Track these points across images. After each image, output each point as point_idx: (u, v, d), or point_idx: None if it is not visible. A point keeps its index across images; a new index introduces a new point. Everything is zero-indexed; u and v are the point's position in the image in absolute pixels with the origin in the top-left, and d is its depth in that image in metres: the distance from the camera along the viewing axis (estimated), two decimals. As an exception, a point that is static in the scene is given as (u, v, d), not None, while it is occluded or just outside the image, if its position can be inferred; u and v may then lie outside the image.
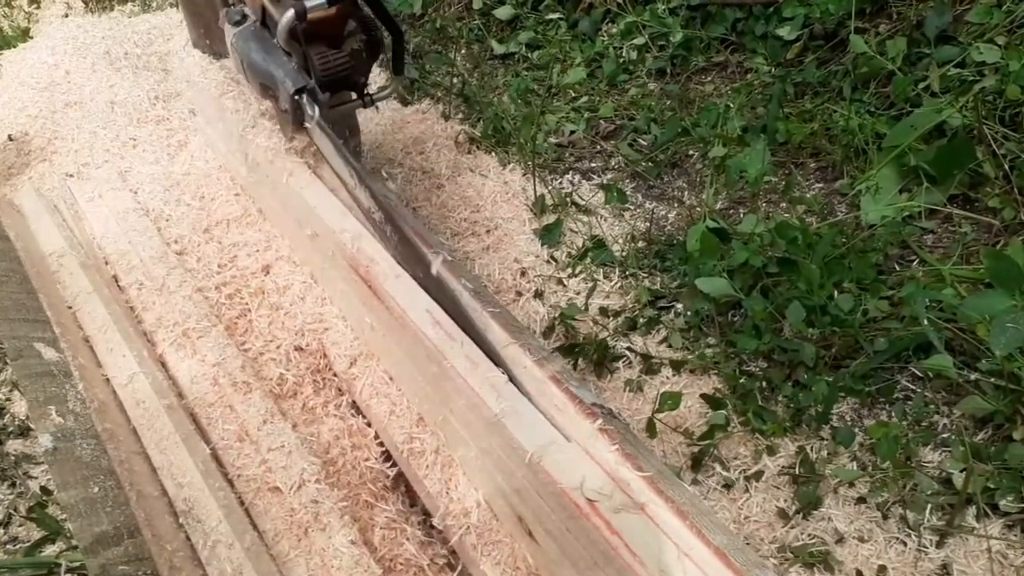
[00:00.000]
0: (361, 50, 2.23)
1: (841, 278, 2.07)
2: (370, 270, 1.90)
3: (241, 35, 2.29)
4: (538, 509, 1.52)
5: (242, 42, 2.28)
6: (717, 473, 1.92)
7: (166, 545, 1.62)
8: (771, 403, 2.01)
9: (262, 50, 2.23)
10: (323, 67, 2.16)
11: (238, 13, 2.33)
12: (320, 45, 2.16)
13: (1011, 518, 1.68)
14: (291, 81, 2.13)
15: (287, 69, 2.16)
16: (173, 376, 2.08)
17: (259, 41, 2.25)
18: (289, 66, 2.17)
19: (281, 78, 2.15)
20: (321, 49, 2.16)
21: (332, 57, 2.17)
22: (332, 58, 2.17)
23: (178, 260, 2.37)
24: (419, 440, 1.86)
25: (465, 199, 2.75)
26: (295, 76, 2.14)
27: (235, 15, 2.33)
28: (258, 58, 2.23)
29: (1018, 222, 2.08)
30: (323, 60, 2.15)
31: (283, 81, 2.15)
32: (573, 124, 3.05)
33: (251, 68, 2.26)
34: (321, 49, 2.16)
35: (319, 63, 2.15)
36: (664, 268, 2.44)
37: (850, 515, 1.78)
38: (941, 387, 1.92)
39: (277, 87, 2.18)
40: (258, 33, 2.28)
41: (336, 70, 2.18)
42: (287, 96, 2.14)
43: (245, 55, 2.26)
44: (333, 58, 2.17)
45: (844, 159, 2.49)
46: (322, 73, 2.16)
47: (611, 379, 2.19)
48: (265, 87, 2.25)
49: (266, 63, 2.20)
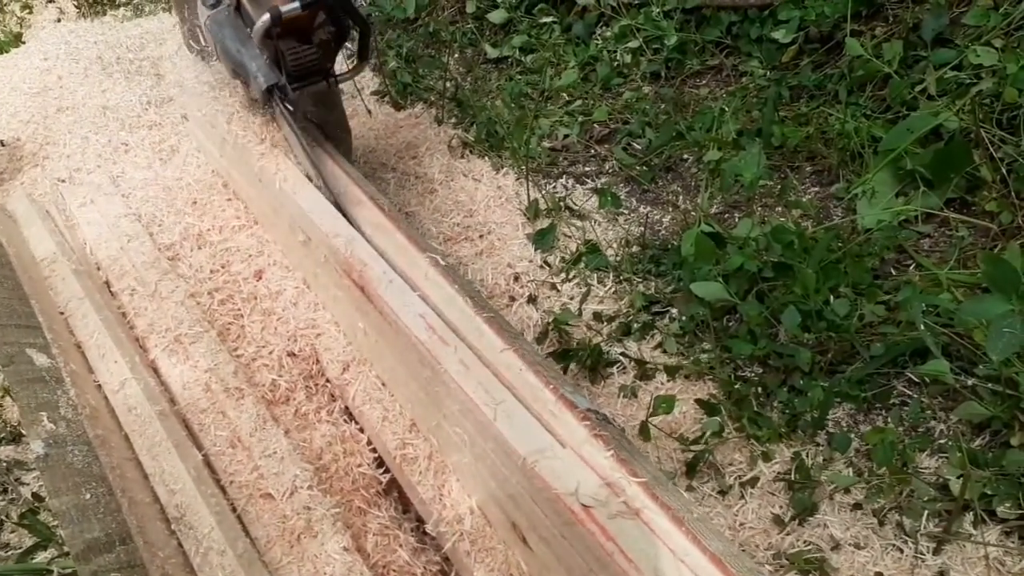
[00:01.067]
0: (329, 40, 2.28)
1: (837, 283, 2.06)
2: (363, 275, 1.88)
3: (215, 19, 2.35)
4: (532, 515, 1.50)
5: (216, 26, 2.33)
6: (712, 479, 1.91)
7: (158, 552, 1.60)
8: (766, 409, 2.00)
9: (236, 39, 2.29)
10: (294, 62, 2.22)
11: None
12: (291, 40, 2.21)
13: (1008, 525, 1.67)
14: (263, 77, 2.19)
15: (259, 63, 2.21)
16: (165, 382, 2.06)
17: (233, 28, 2.31)
18: (261, 60, 2.22)
19: (253, 72, 2.21)
20: (292, 44, 2.21)
21: (303, 52, 2.22)
22: (303, 53, 2.22)
23: (170, 266, 2.36)
24: (412, 446, 1.84)
25: (458, 203, 2.74)
26: (267, 72, 2.20)
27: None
28: (231, 46, 2.28)
29: (1015, 226, 2.07)
30: (294, 55, 2.21)
31: (255, 75, 2.20)
32: (567, 128, 3.04)
33: (224, 53, 2.32)
34: (292, 44, 2.21)
35: (290, 58, 2.21)
36: (659, 273, 2.43)
37: (846, 521, 1.76)
38: (938, 392, 1.91)
39: (248, 78, 2.24)
40: (232, 19, 2.34)
41: (306, 64, 2.24)
42: (259, 90, 2.20)
43: (219, 40, 2.33)
44: (303, 53, 2.22)
45: (840, 163, 2.48)
46: (293, 68, 2.23)
47: (605, 385, 2.18)
48: (236, 72, 2.33)
49: (239, 54, 2.26)
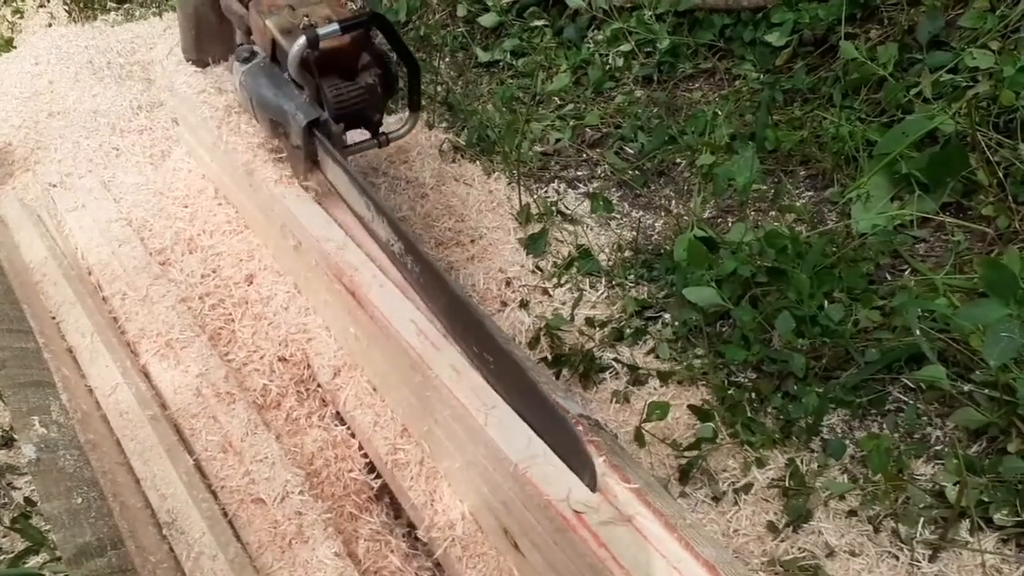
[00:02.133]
0: (376, 84, 2.16)
1: (831, 288, 2.05)
2: (354, 279, 1.87)
3: (250, 72, 2.21)
4: (524, 521, 1.49)
5: (251, 79, 2.20)
6: (706, 485, 1.89)
7: (150, 557, 1.59)
8: (760, 415, 1.99)
9: (272, 85, 2.15)
10: (336, 99, 2.08)
11: (246, 51, 2.26)
12: (333, 77, 2.09)
13: (1006, 532, 1.65)
14: (303, 113, 2.05)
15: (298, 102, 2.08)
16: (156, 387, 2.05)
17: (269, 76, 2.18)
18: (300, 99, 2.09)
19: (292, 111, 2.07)
20: (334, 81, 2.09)
21: (345, 89, 2.09)
22: (346, 90, 2.09)
23: (161, 270, 2.34)
24: (403, 451, 1.83)
25: (449, 208, 2.73)
26: (307, 108, 2.06)
27: (243, 52, 2.26)
28: (268, 93, 2.14)
29: (1012, 230, 2.07)
30: (336, 92, 2.08)
31: (294, 114, 2.06)
32: (559, 132, 3.04)
33: (260, 104, 2.18)
34: (334, 81, 2.09)
35: (332, 95, 2.07)
36: (651, 278, 2.42)
37: (841, 528, 1.75)
38: (934, 398, 1.89)
39: (288, 122, 2.10)
40: (267, 69, 2.20)
41: (350, 102, 2.10)
42: (298, 129, 2.05)
43: (254, 91, 2.18)
44: (347, 90, 2.09)
45: (834, 167, 2.47)
46: (335, 105, 2.08)
47: (597, 390, 2.17)
48: (275, 123, 2.16)
49: (276, 98, 2.12)
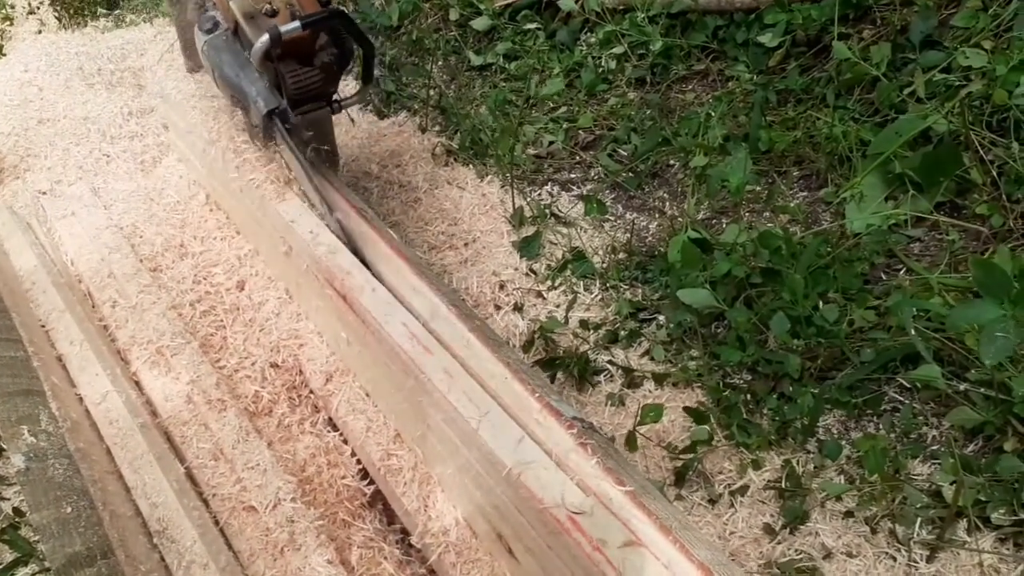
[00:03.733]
0: (331, 63, 2.18)
1: (826, 288, 2.04)
2: (345, 283, 1.86)
3: (212, 43, 2.25)
4: (518, 526, 1.48)
5: (213, 51, 2.23)
6: (701, 488, 1.88)
7: (140, 566, 1.58)
8: (756, 416, 1.97)
9: (234, 64, 2.18)
10: (295, 85, 2.12)
11: (209, 20, 2.29)
12: (292, 62, 2.11)
13: (1003, 531, 1.64)
14: (263, 101, 2.09)
15: (259, 87, 2.11)
16: (147, 394, 2.03)
17: (230, 53, 2.21)
18: (261, 84, 2.12)
19: (253, 96, 2.11)
20: (293, 67, 2.11)
21: (304, 75, 2.12)
22: (304, 76, 2.12)
23: (152, 277, 2.33)
24: (396, 457, 1.82)
25: (442, 212, 2.72)
26: (267, 96, 2.10)
27: (206, 22, 2.29)
28: (230, 72, 2.18)
29: (1006, 229, 2.05)
30: (295, 78, 2.11)
31: (255, 100, 2.10)
32: (552, 135, 3.02)
33: (222, 79, 2.22)
34: (293, 67, 2.11)
35: (291, 81, 2.11)
36: (645, 280, 2.41)
37: (838, 530, 1.74)
38: (929, 398, 1.88)
39: (248, 105, 2.14)
40: (229, 43, 2.23)
41: (309, 87, 2.14)
42: (259, 115, 2.09)
43: (216, 65, 2.22)
44: (305, 76, 2.12)
45: (828, 167, 2.46)
46: (294, 91, 2.12)
47: (592, 393, 2.15)
48: (235, 98, 2.21)
49: (238, 79, 2.16)
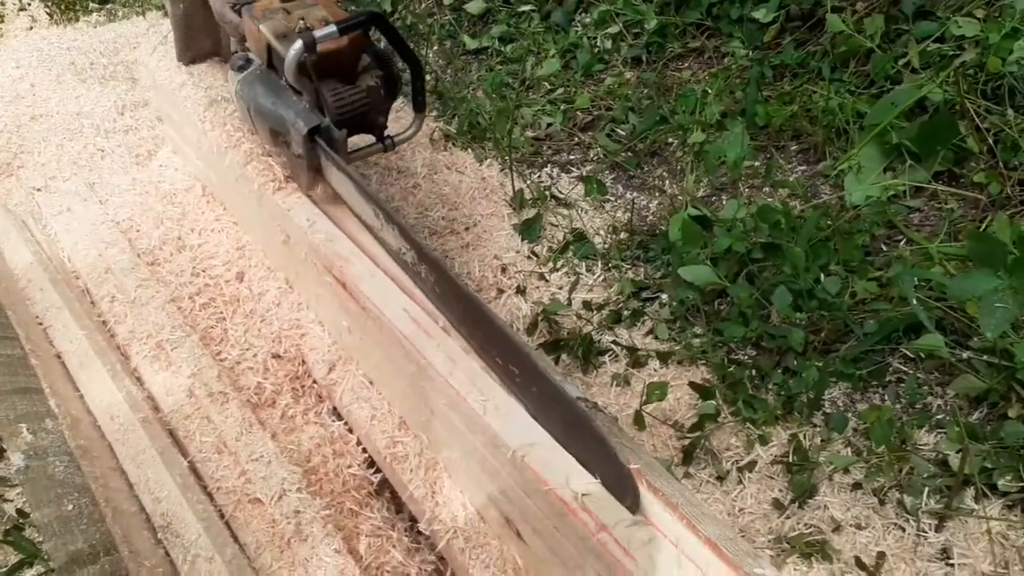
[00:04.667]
0: (378, 86, 2.05)
1: (827, 261, 2.03)
2: (344, 270, 1.84)
3: (245, 80, 2.12)
4: (525, 509, 1.47)
5: (247, 87, 2.11)
6: (709, 465, 1.88)
7: (144, 562, 1.57)
8: (761, 391, 1.97)
9: (270, 93, 2.05)
10: (337, 104, 1.97)
11: (241, 58, 2.16)
12: (333, 81, 1.98)
13: (1010, 498, 1.64)
14: (303, 121, 1.95)
15: (298, 109, 1.98)
16: (148, 389, 2.02)
17: (265, 84, 2.08)
18: (300, 106, 1.99)
19: (292, 119, 1.97)
20: (334, 86, 1.98)
21: (347, 93, 1.98)
22: (347, 94, 1.98)
23: (150, 271, 2.32)
24: (402, 444, 1.81)
25: (442, 197, 2.71)
26: (307, 116, 1.96)
27: (238, 60, 2.15)
28: (265, 102, 2.05)
29: (1004, 196, 2.05)
30: (337, 97, 1.97)
31: (294, 122, 1.97)
32: (550, 117, 3.01)
33: (258, 113, 2.09)
34: (334, 86, 1.98)
35: (332, 100, 1.97)
36: (647, 259, 2.40)
37: (846, 502, 1.74)
38: (933, 367, 1.88)
39: (288, 130, 2.00)
40: (264, 76, 2.10)
41: (352, 107, 1.99)
42: (299, 138, 1.96)
43: (251, 100, 2.09)
44: (347, 94, 1.98)
45: (826, 140, 2.45)
46: (337, 110, 1.98)
47: (597, 374, 2.15)
48: (275, 133, 2.07)
49: (275, 106, 2.03)
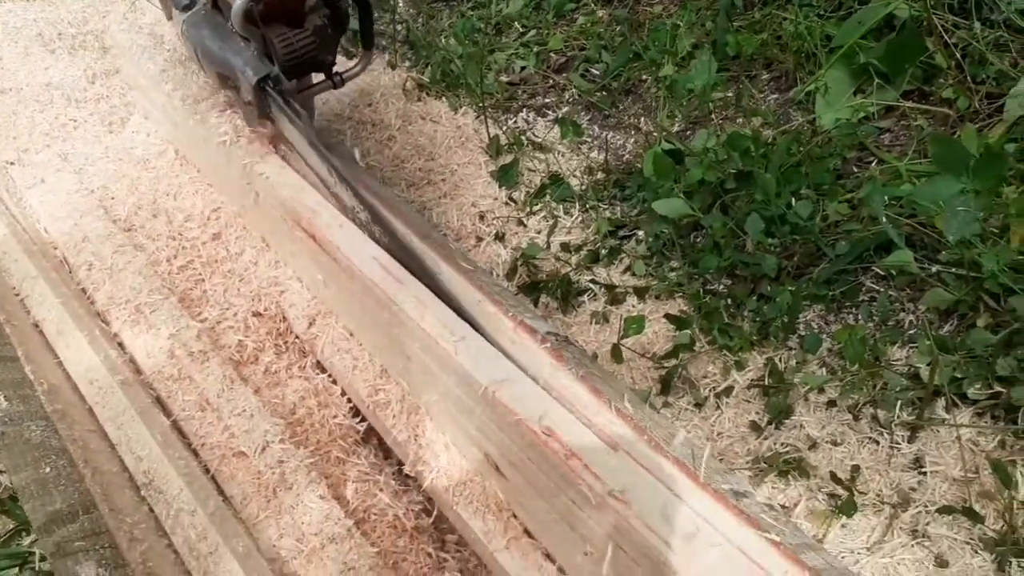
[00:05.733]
0: (325, 26, 2.01)
1: (798, 186, 2.03)
2: (313, 222, 1.85)
3: (191, 20, 2.09)
4: (500, 444, 1.50)
5: (193, 28, 2.08)
6: (687, 393, 1.90)
7: (126, 518, 1.60)
8: (737, 319, 1.98)
9: (217, 36, 2.02)
10: (286, 50, 1.95)
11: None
12: (280, 26, 1.94)
13: (980, 406, 1.66)
14: (252, 70, 1.92)
15: (246, 57, 1.95)
16: (130, 352, 2.04)
17: (212, 27, 2.05)
18: (248, 53, 1.96)
19: (241, 67, 1.94)
20: (281, 31, 1.94)
21: (295, 38, 1.95)
22: (295, 39, 1.95)
23: (127, 237, 2.32)
24: (384, 391, 1.83)
25: (418, 148, 2.70)
26: (256, 64, 1.93)
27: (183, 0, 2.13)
28: (213, 46, 2.02)
29: (972, 111, 2.04)
30: (285, 43, 1.94)
31: (243, 70, 1.94)
32: (523, 60, 2.99)
33: (206, 57, 2.07)
34: (281, 31, 1.94)
35: (281, 46, 1.94)
36: (624, 197, 2.40)
37: (822, 420, 1.76)
38: (905, 284, 1.88)
39: (237, 77, 1.98)
40: (210, 17, 2.07)
41: (301, 52, 1.97)
42: (249, 87, 1.94)
43: (198, 43, 2.06)
44: (296, 39, 1.95)
45: (796, 66, 2.43)
46: (285, 57, 1.96)
47: (577, 313, 2.16)
48: (223, 77, 2.06)
49: (222, 51, 2.00)
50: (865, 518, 1.62)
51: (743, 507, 1.22)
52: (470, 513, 1.62)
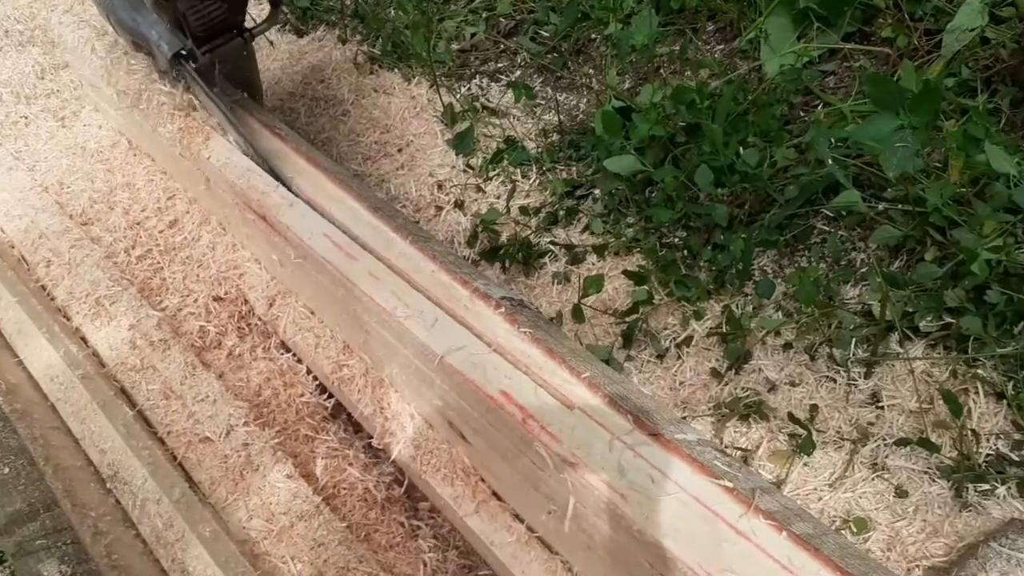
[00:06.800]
0: None
1: (746, 134, 2.03)
2: (263, 203, 1.85)
3: None
4: (462, 410, 1.52)
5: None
6: (648, 346, 1.92)
7: (89, 512, 1.60)
8: (693, 270, 2.00)
9: (128, 7, 2.02)
10: (198, 20, 1.93)
11: None
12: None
13: (932, 337, 1.68)
14: (166, 44, 1.93)
15: (159, 30, 1.95)
16: (93, 346, 2.04)
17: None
18: (161, 26, 1.96)
19: (155, 40, 1.95)
20: (192, 2, 1.92)
21: (206, 8, 1.94)
22: (205, 9, 1.94)
23: (83, 231, 2.31)
24: (347, 367, 1.85)
25: (373, 121, 2.69)
26: (170, 38, 1.94)
27: None
28: (125, 16, 2.03)
29: (912, 48, 2.05)
30: (196, 13, 1.93)
31: (158, 44, 1.95)
32: (472, 27, 2.97)
33: (120, 26, 2.08)
34: (192, 2, 1.92)
35: (193, 17, 1.92)
36: (579, 157, 2.41)
37: (780, 363, 1.78)
38: (854, 223, 1.90)
39: (152, 50, 2.00)
40: None
41: (212, 20, 1.96)
42: (164, 60, 1.95)
43: (111, 11, 2.08)
44: (206, 8, 1.94)
45: (739, 15, 2.43)
46: (198, 27, 1.95)
47: (540, 276, 2.18)
48: (137, 44, 2.08)
49: (135, 23, 2.00)
50: (826, 455, 1.65)
51: (696, 455, 1.24)
52: (439, 480, 1.65)
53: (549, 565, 1.49)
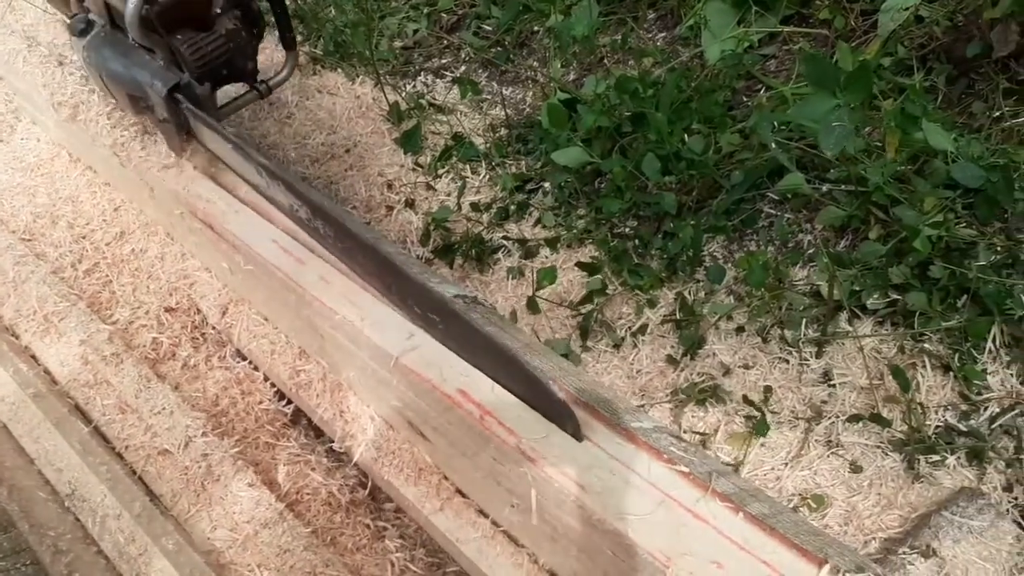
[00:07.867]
0: (238, 28, 1.91)
1: (690, 121, 2.06)
2: (208, 211, 1.83)
3: (91, 45, 1.96)
4: (420, 409, 1.52)
5: (94, 53, 1.95)
6: (605, 336, 1.93)
7: (48, 532, 1.59)
8: (645, 259, 2.02)
9: (120, 55, 1.90)
10: (195, 55, 1.83)
11: (81, 21, 1.98)
12: (186, 31, 1.84)
13: (879, 314, 1.72)
14: (160, 81, 1.80)
15: (153, 69, 1.83)
16: (44, 364, 2.01)
17: (113, 46, 1.93)
18: (155, 64, 1.84)
19: (148, 80, 1.82)
20: (189, 36, 1.83)
21: (204, 42, 1.84)
22: (204, 43, 1.84)
23: (27, 247, 2.27)
24: (304, 372, 1.83)
25: (318, 122, 2.67)
26: (164, 74, 1.81)
27: (79, 24, 1.98)
28: (117, 66, 1.90)
29: (849, 29, 2.09)
30: (193, 48, 1.83)
31: (151, 83, 1.82)
32: (415, 23, 2.97)
33: (112, 79, 1.94)
34: (189, 36, 1.83)
35: (189, 52, 1.82)
36: (527, 151, 2.42)
37: (733, 346, 1.81)
38: (800, 206, 1.93)
39: (147, 93, 1.86)
40: (110, 38, 1.95)
41: (212, 55, 1.86)
42: (160, 100, 1.82)
43: (102, 67, 1.94)
44: (204, 42, 1.84)
45: (679, 2, 2.46)
46: (195, 62, 1.83)
47: (494, 271, 2.18)
48: (135, 99, 1.94)
49: (127, 69, 1.88)
50: (782, 435, 1.67)
51: (653, 442, 1.26)
52: (402, 480, 1.64)
53: (516, 558, 1.49)
